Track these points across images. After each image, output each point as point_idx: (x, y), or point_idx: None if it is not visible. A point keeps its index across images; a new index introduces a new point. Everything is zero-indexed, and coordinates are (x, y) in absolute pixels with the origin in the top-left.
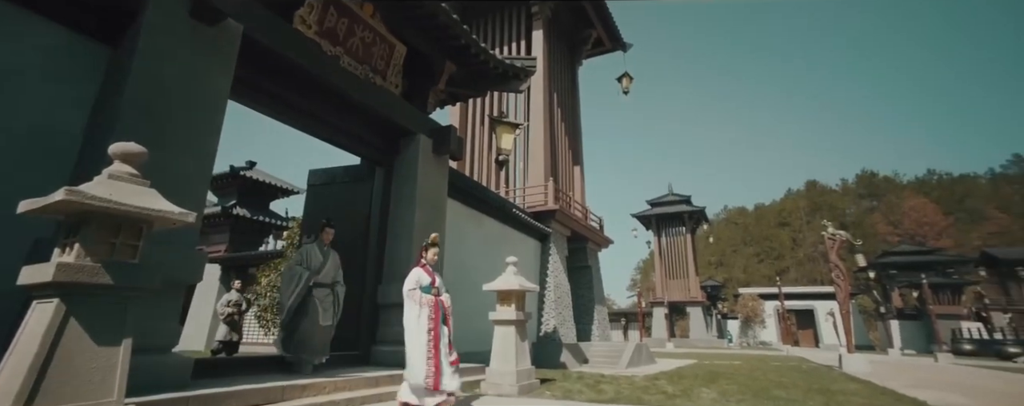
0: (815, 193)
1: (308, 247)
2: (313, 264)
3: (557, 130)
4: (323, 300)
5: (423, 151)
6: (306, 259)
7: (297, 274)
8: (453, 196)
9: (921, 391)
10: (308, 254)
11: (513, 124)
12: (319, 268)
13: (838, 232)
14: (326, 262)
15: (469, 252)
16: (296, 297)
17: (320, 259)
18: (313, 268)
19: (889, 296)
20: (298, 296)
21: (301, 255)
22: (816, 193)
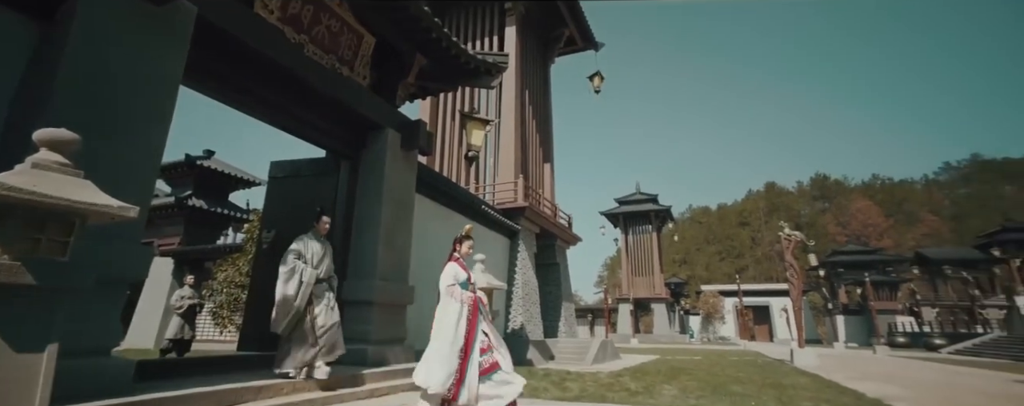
0: (773, 194)
1: (306, 239)
2: (313, 258)
3: (528, 127)
4: (325, 296)
5: (391, 145)
6: (305, 252)
7: (297, 270)
8: (421, 192)
9: (861, 383)
10: (307, 247)
11: (484, 120)
12: (319, 262)
13: (793, 233)
14: (325, 255)
15: (437, 248)
16: (301, 297)
17: (319, 253)
18: (314, 262)
19: (836, 293)
20: (304, 296)
21: (299, 248)
22: (774, 194)
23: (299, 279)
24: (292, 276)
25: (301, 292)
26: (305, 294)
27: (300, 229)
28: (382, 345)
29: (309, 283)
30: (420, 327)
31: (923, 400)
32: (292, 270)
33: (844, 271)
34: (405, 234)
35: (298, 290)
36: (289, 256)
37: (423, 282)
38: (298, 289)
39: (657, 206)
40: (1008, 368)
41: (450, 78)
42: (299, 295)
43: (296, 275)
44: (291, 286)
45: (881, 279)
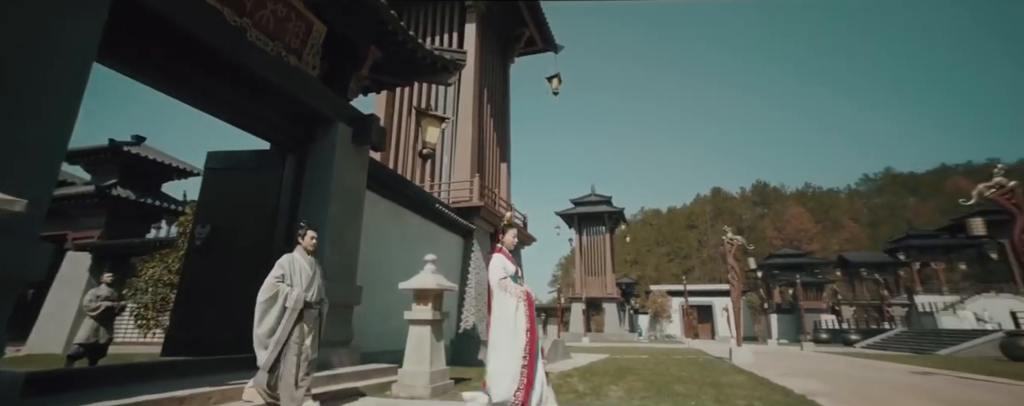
0: (719, 199)
1: (291, 257)
2: (302, 279)
3: (486, 126)
4: (312, 324)
5: (341, 140)
6: (291, 273)
7: (280, 295)
8: (373, 189)
9: (789, 379)
10: (292, 266)
11: (439, 117)
12: (309, 284)
13: (735, 237)
14: (314, 276)
15: (388, 248)
16: (284, 327)
17: (308, 273)
18: (303, 284)
19: (771, 293)
20: (287, 325)
21: (282, 269)
22: (720, 199)
23: (281, 305)
24: (273, 303)
25: (285, 321)
26: (289, 322)
27: (238, 225)
28: (326, 348)
29: (295, 309)
30: (367, 328)
31: (840, 394)
32: (273, 297)
33: (779, 273)
34: (354, 233)
35: (280, 319)
36: (269, 279)
37: (372, 282)
38: (280, 317)
39: (611, 208)
40: (908, 360)
41: (406, 73)
42: (281, 325)
43: (278, 301)
44: (272, 315)
45: (809, 280)
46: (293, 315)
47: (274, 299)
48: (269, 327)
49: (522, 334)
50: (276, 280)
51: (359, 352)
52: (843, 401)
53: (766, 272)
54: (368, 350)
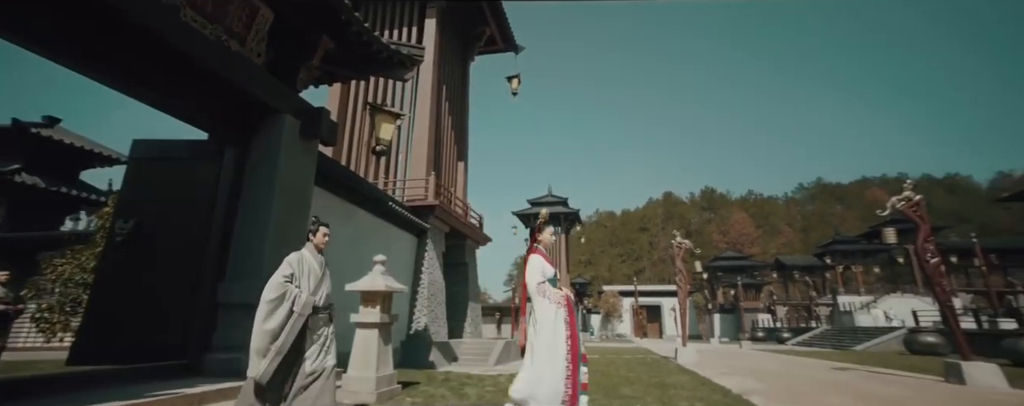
0: (670, 203)
1: (300, 255)
2: (310, 281)
3: (443, 123)
4: (320, 331)
5: (288, 132)
6: (300, 273)
7: (289, 297)
8: (322, 185)
9: (729, 378)
10: (301, 265)
11: (394, 113)
12: (317, 287)
13: (683, 241)
14: (323, 278)
15: (338, 246)
16: (288, 333)
17: (318, 275)
18: (311, 287)
19: (715, 294)
20: (292, 332)
21: (291, 266)
22: (671, 203)
23: (289, 309)
24: (279, 304)
25: (289, 326)
26: (294, 329)
27: (167, 220)
28: None
29: (302, 315)
30: None
31: (772, 392)
32: (280, 297)
33: (722, 274)
34: (300, 230)
35: (285, 323)
36: (276, 278)
37: None
38: (285, 322)
39: (567, 209)
40: (830, 356)
41: (361, 66)
42: (285, 330)
43: (285, 303)
44: (276, 317)
45: (749, 282)
46: (300, 321)
47: (281, 300)
48: (274, 328)
49: (563, 342)
50: (284, 279)
51: None
52: (774, 399)
53: (711, 274)
54: None
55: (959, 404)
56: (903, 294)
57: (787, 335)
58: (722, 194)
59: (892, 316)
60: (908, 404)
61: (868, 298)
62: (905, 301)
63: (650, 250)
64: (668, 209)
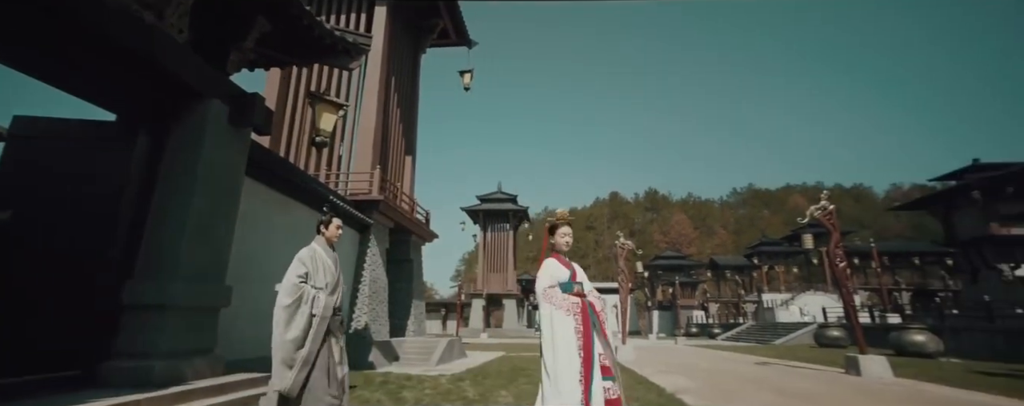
0: (616, 203)
1: (313, 250)
2: (326, 279)
3: (391, 116)
4: (337, 333)
5: (214, 118)
6: (314, 271)
7: (307, 299)
8: (254, 176)
9: (664, 377)
10: (315, 262)
11: (337, 104)
12: (334, 286)
13: (626, 242)
14: (338, 276)
15: (272, 241)
16: (314, 339)
17: (333, 273)
18: (329, 287)
19: (655, 291)
20: (317, 337)
21: (304, 264)
22: (617, 203)
23: (309, 312)
24: (297, 309)
25: (314, 331)
26: (318, 334)
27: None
28: (177, 359)
29: (324, 318)
30: (237, 332)
31: (703, 390)
32: (298, 300)
33: (662, 273)
34: (226, 225)
35: (309, 328)
36: (291, 278)
37: (247, 280)
38: (308, 327)
39: (516, 206)
40: (754, 351)
41: (301, 52)
42: (310, 336)
43: (305, 306)
44: (298, 323)
45: (686, 280)
46: (323, 325)
47: (299, 303)
48: (297, 335)
49: (574, 353)
50: (300, 280)
51: (222, 361)
52: (705, 397)
53: (652, 272)
54: (236, 357)
55: (859, 395)
56: (816, 292)
57: (717, 331)
58: (664, 196)
59: (805, 312)
60: (819, 397)
61: (787, 296)
62: (817, 298)
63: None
64: (614, 209)
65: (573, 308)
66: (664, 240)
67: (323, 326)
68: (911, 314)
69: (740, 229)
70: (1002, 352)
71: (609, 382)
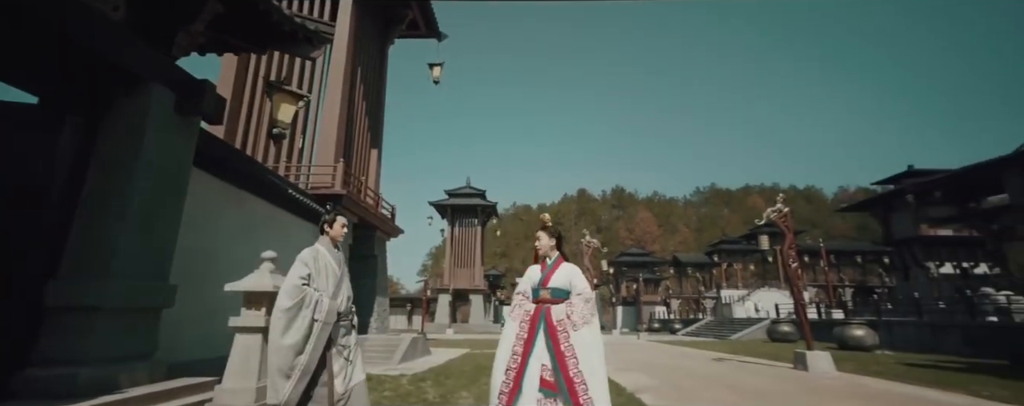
0: (584, 200)
1: (315, 251)
2: (329, 281)
3: (357, 108)
4: (344, 341)
5: (158, 105)
6: (316, 272)
7: (308, 302)
8: (204, 168)
9: (624, 374)
10: (317, 263)
11: (296, 94)
12: (337, 288)
13: (592, 241)
14: (342, 278)
15: (223, 237)
16: (314, 346)
17: (337, 275)
18: (331, 290)
19: (619, 287)
20: (318, 344)
21: (306, 265)
22: (584, 200)
23: (310, 317)
24: (298, 313)
25: (314, 338)
26: (320, 342)
27: None
28: (110, 365)
29: (327, 323)
30: (183, 333)
31: (662, 388)
32: (299, 304)
33: (627, 269)
34: (170, 220)
35: (308, 335)
36: (293, 280)
37: (195, 278)
38: (309, 334)
39: (484, 201)
40: (712, 346)
41: (258, 39)
42: (310, 343)
43: (305, 311)
44: (297, 329)
45: (649, 277)
46: (325, 332)
47: (300, 307)
48: (296, 342)
49: (506, 359)
50: (302, 281)
51: (164, 366)
52: (663, 396)
53: (617, 269)
54: (182, 359)
55: (805, 392)
56: (770, 288)
57: (678, 326)
58: (631, 194)
59: (760, 308)
60: (769, 394)
61: (744, 292)
62: (771, 295)
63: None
64: (582, 205)
65: (523, 315)
66: (630, 237)
67: (325, 332)
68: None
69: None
70: (928, 345)
71: (546, 397)
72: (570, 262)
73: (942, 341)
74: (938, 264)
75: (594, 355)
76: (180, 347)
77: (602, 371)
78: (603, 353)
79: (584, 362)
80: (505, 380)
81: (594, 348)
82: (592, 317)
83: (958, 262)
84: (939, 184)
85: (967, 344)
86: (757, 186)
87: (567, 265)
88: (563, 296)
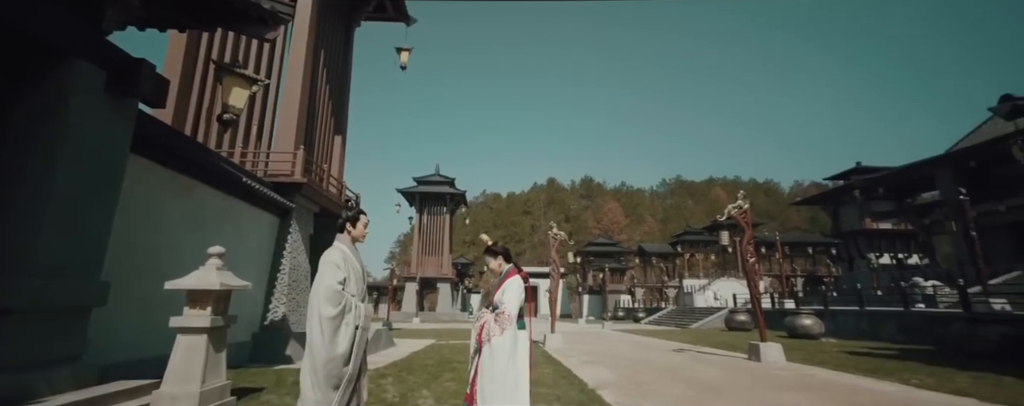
0: (553, 189)
1: (344, 252)
2: (358, 285)
3: (319, 92)
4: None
5: (84, 85)
6: (350, 276)
7: (350, 309)
8: (146, 155)
9: (587, 368)
10: (350, 267)
11: (249, 77)
12: (364, 292)
13: (559, 233)
14: (364, 279)
15: (170, 229)
16: (357, 354)
17: (361, 277)
18: (361, 293)
19: (586, 276)
20: (359, 354)
21: (340, 268)
22: (553, 189)
23: (354, 325)
24: (342, 319)
25: (357, 346)
26: (360, 349)
27: None
28: (25, 372)
29: (365, 328)
30: (120, 332)
31: (621, 384)
32: (343, 310)
33: (594, 259)
34: (102, 211)
35: (353, 343)
36: (330, 284)
37: (134, 273)
38: (353, 341)
39: (453, 189)
40: (672, 335)
41: (205, 15)
42: (354, 352)
43: (349, 316)
44: (344, 337)
45: (616, 266)
46: (364, 339)
47: (343, 314)
48: (345, 351)
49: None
50: (341, 286)
51: (94, 369)
52: (623, 392)
53: (584, 258)
54: (118, 360)
55: (757, 384)
56: (729, 278)
57: (642, 315)
58: (599, 184)
59: (719, 297)
60: (724, 387)
61: (705, 281)
62: (730, 284)
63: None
64: (551, 195)
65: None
66: (597, 227)
67: (364, 339)
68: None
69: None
70: (867, 332)
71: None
72: (520, 274)
73: (879, 329)
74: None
75: (493, 371)
76: (118, 347)
77: (503, 389)
78: (508, 371)
79: (486, 377)
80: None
81: (494, 364)
82: (499, 333)
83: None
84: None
85: (900, 331)
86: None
87: (511, 281)
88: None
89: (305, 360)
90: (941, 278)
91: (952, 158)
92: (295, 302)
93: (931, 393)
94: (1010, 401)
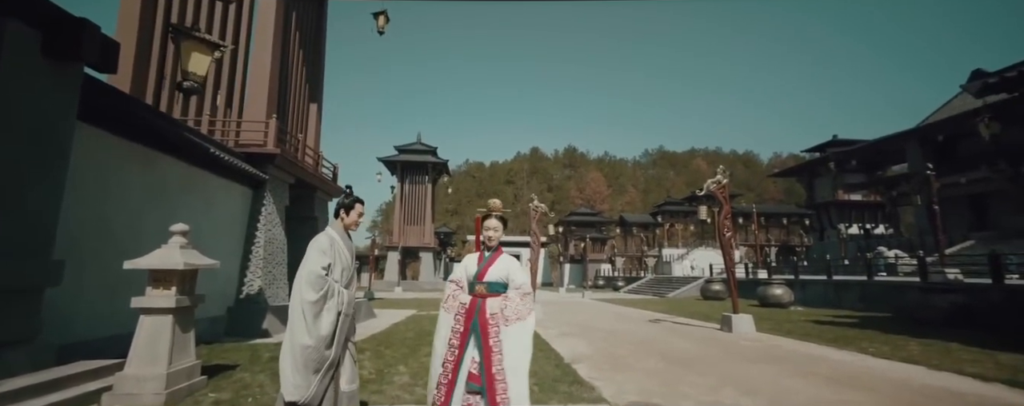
0: (536, 159)
1: (332, 238)
2: (344, 272)
3: (292, 58)
4: (351, 336)
5: (15, 47)
6: (337, 263)
7: (333, 294)
8: (100, 125)
9: (564, 340)
10: (337, 253)
11: (210, 43)
12: (350, 279)
13: (540, 205)
14: (353, 266)
15: (129, 203)
16: (339, 339)
17: (350, 264)
18: (345, 279)
19: (568, 246)
20: (340, 340)
21: (326, 253)
22: (536, 159)
23: (336, 310)
24: (324, 304)
25: (339, 331)
26: (342, 335)
27: None
28: None
29: (348, 315)
30: (77, 312)
31: (596, 358)
32: (325, 295)
33: (576, 229)
34: (49, 186)
35: (335, 328)
36: (313, 269)
37: (92, 252)
38: (335, 326)
39: (436, 158)
40: (650, 304)
41: None
42: (336, 336)
43: (331, 301)
44: (325, 322)
45: (597, 236)
46: (346, 325)
47: (325, 299)
48: (328, 334)
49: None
50: (325, 271)
51: (52, 349)
52: (598, 366)
53: (566, 228)
54: (80, 339)
55: (728, 356)
56: (706, 248)
57: (621, 284)
58: (582, 153)
59: (696, 266)
60: (696, 360)
61: (683, 250)
62: (707, 254)
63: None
64: (534, 164)
65: (458, 308)
66: (580, 196)
67: (346, 326)
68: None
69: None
70: (832, 301)
71: (469, 391)
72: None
73: (843, 297)
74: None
75: (520, 353)
76: (78, 326)
77: (524, 370)
78: (530, 352)
79: (508, 359)
80: (443, 372)
81: (521, 346)
82: (528, 314)
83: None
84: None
85: (861, 300)
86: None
87: (506, 257)
88: (500, 290)
89: (285, 343)
90: (903, 247)
91: (921, 132)
92: (271, 276)
93: (885, 361)
94: (956, 367)
